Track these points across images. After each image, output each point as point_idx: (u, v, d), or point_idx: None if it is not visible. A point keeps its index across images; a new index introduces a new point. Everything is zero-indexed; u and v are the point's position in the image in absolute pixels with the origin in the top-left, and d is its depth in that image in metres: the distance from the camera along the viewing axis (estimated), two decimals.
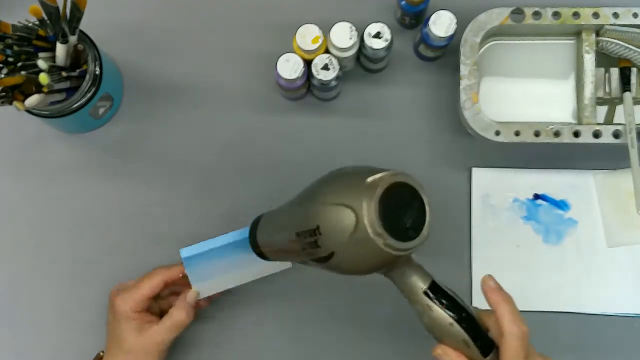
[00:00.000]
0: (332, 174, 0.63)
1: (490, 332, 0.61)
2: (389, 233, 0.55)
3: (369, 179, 0.57)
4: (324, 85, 0.80)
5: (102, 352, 0.76)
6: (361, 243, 0.55)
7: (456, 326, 0.59)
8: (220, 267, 0.76)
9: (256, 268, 0.77)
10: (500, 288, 0.63)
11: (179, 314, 0.73)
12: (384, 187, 0.56)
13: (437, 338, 0.61)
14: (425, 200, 0.58)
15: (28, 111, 0.75)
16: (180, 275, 0.76)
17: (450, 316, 0.59)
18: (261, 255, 0.72)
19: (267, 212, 0.73)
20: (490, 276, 0.63)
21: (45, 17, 0.70)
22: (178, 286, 0.77)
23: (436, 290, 0.60)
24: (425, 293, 0.60)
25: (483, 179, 0.84)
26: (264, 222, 0.72)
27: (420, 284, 0.60)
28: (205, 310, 0.81)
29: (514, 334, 0.59)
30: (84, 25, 0.73)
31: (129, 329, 0.73)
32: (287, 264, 0.78)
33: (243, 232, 0.73)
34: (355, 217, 0.55)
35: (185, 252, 0.75)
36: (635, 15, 0.80)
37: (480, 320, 0.61)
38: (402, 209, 0.57)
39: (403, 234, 0.56)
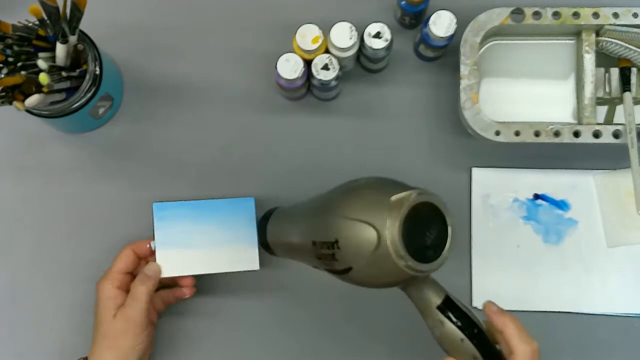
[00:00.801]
0: (354, 185, 0.61)
1: (499, 347, 0.61)
2: (409, 254, 0.54)
3: (394, 198, 0.55)
4: (324, 85, 0.80)
5: (84, 358, 0.76)
6: (381, 262, 0.55)
7: (467, 342, 0.59)
8: (189, 235, 0.77)
9: (224, 255, 0.77)
10: (503, 310, 0.63)
11: (136, 286, 0.74)
12: (409, 207, 0.55)
13: (447, 351, 0.61)
14: (449, 221, 0.57)
15: (28, 111, 0.75)
16: (148, 245, 0.77)
17: (463, 332, 0.59)
18: (267, 249, 0.73)
19: (282, 208, 0.74)
20: (491, 301, 0.64)
21: (45, 17, 0.70)
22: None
23: (450, 306, 0.60)
24: (439, 308, 0.60)
25: (483, 179, 0.84)
26: (277, 218, 0.71)
27: (435, 299, 0.60)
28: (205, 307, 0.81)
29: (526, 353, 0.59)
30: (84, 25, 0.73)
31: (105, 312, 0.73)
32: (254, 265, 0.77)
33: (219, 203, 0.76)
34: (377, 236, 0.54)
35: (157, 205, 0.77)
36: (635, 15, 0.80)
37: (489, 334, 0.61)
38: (424, 228, 0.56)
39: (422, 253, 0.55)
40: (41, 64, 0.69)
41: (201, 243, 0.77)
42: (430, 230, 0.56)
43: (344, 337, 0.82)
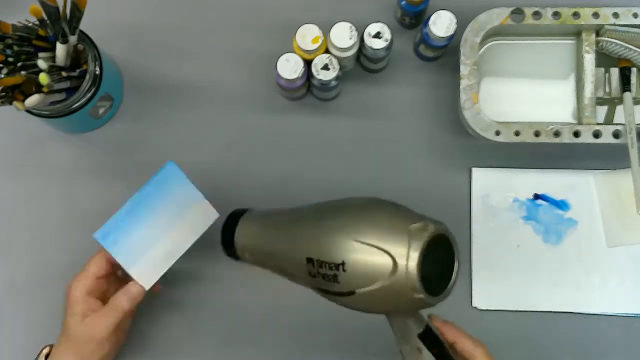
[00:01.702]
0: (363, 205, 0.60)
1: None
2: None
3: (413, 227, 0.54)
4: (324, 85, 0.80)
5: (49, 346, 0.75)
6: (390, 291, 0.54)
7: None
8: (144, 238, 0.73)
9: (184, 229, 0.74)
10: (449, 322, 0.64)
11: (118, 300, 0.72)
12: (429, 239, 0.53)
13: None
14: (457, 255, 0.56)
15: (28, 111, 0.75)
16: None
17: None
18: (232, 255, 0.69)
19: (260, 212, 0.70)
20: (434, 314, 0.64)
21: (45, 17, 0.70)
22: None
23: (429, 334, 0.60)
24: (420, 336, 0.60)
25: (483, 179, 0.84)
26: (254, 222, 0.68)
27: (417, 327, 0.60)
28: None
29: (482, 353, 0.62)
30: (84, 25, 0.73)
31: (73, 316, 0.72)
32: (213, 215, 0.75)
33: (146, 190, 0.73)
34: (393, 265, 0.53)
35: (99, 233, 0.72)
36: (635, 15, 0.80)
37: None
38: (433, 259, 0.54)
39: (427, 284, 0.54)
40: (41, 64, 0.69)
41: (159, 235, 0.74)
42: (438, 262, 0.55)
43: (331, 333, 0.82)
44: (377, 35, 0.78)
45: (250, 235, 0.67)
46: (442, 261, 0.56)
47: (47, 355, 0.74)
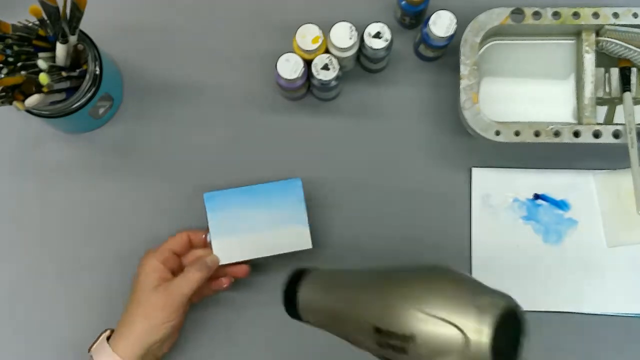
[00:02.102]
0: (429, 275, 0.58)
1: None
2: None
3: (484, 300, 0.53)
4: (324, 85, 0.80)
5: (110, 329, 0.76)
6: None
7: None
8: (241, 221, 0.77)
9: (277, 237, 0.77)
10: None
11: (192, 270, 0.74)
12: (501, 313, 0.52)
13: None
14: (524, 329, 0.55)
15: (28, 111, 0.75)
16: (203, 236, 0.78)
17: None
18: (296, 316, 0.65)
19: (323, 272, 0.66)
20: None
21: (45, 17, 0.70)
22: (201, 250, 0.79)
23: None
24: None
25: (483, 179, 0.84)
26: (317, 283, 0.65)
27: None
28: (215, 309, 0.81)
29: None
30: (84, 25, 0.73)
31: (147, 283, 0.73)
32: (307, 244, 0.78)
33: (267, 186, 0.78)
34: (464, 340, 0.52)
35: (208, 194, 0.78)
36: (635, 15, 0.80)
37: None
38: (503, 334, 0.53)
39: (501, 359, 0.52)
40: (41, 64, 0.69)
41: (253, 227, 0.77)
42: (506, 336, 0.53)
43: None
44: (377, 35, 0.78)
45: (313, 296, 0.64)
46: (510, 335, 0.54)
47: (108, 338, 0.75)
